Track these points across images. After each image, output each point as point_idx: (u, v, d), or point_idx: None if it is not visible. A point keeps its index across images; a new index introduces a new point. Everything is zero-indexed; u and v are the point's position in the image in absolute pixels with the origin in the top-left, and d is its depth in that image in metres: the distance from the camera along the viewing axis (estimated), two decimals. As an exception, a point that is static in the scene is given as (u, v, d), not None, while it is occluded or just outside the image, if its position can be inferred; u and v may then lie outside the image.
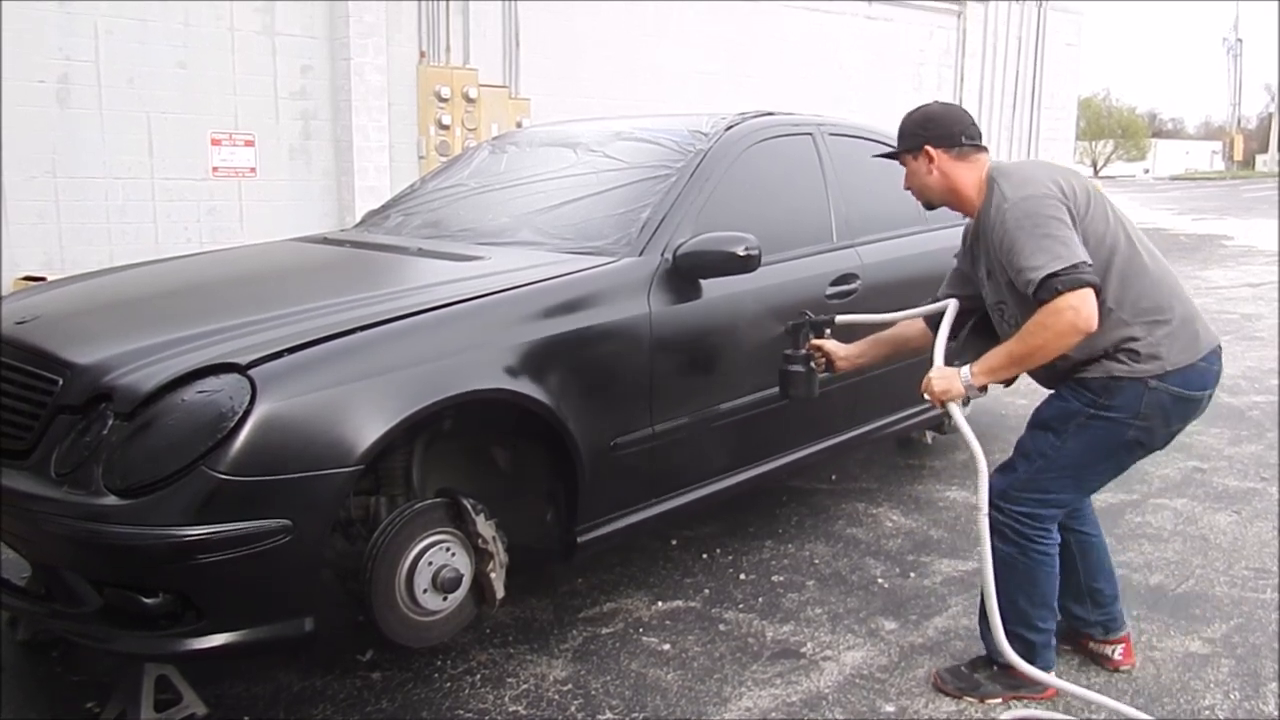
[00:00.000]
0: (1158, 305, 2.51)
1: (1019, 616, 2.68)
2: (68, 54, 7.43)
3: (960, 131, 2.66)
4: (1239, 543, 3.86)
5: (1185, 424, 2.62)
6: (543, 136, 4.19)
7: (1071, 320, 2.33)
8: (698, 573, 3.57)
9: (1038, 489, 2.61)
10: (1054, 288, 2.32)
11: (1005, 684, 2.73)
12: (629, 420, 3.00)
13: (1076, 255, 2.36)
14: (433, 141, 9.29)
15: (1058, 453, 2.59)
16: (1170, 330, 2.50)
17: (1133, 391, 2.49)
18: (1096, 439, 2.56)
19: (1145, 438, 2.57)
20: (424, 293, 2.79)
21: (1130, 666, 2.89)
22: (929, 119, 2.71)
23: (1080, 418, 2.55)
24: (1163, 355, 2.49)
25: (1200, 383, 2.55)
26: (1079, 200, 2.49)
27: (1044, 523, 2.64)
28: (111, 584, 2.29)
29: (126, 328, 2.71)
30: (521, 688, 2.80)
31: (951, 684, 2.78)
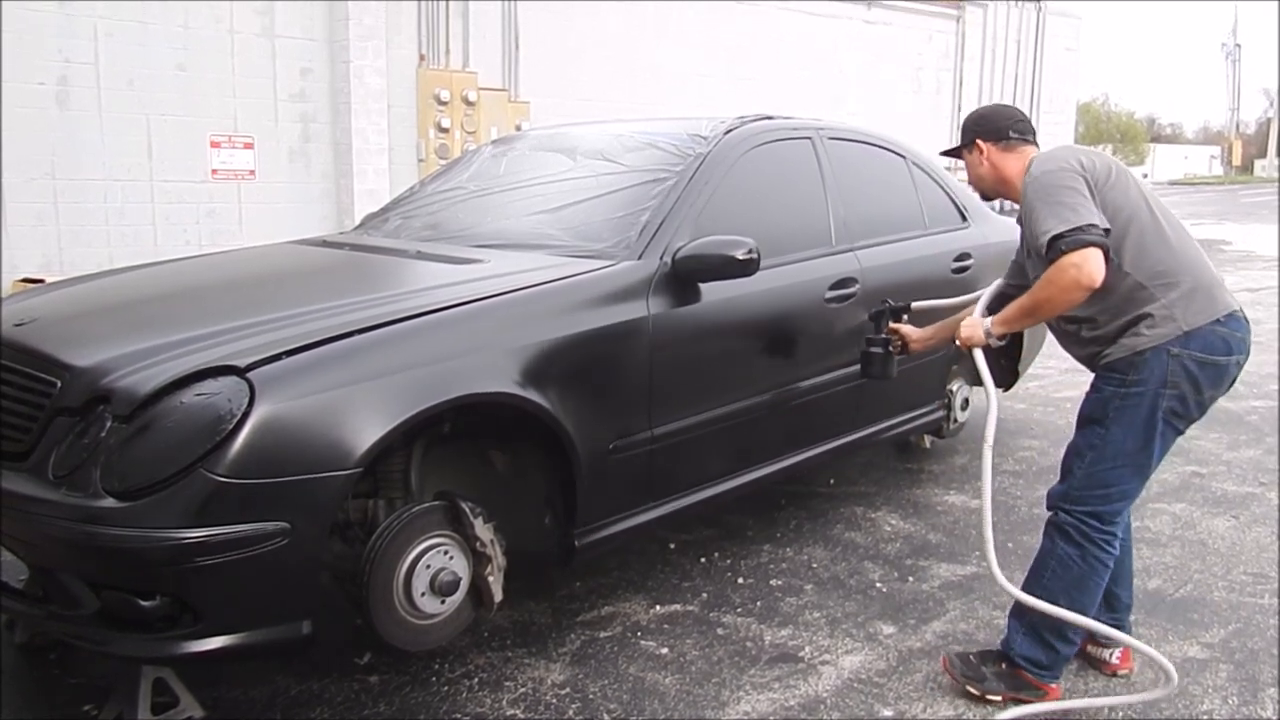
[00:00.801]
0: (1171, 269, 2.59)
1: (1054, 626, 2.70)
2: (67, 56, 7.44)
3: (1008, 127, 2.89)
4: (1237, 548, 3.86)
5: (1218, 391, 2.67)
6: (542, 140, 4.19)
7: (1074, 276, 2.44)
8: (696, 576, 3.56)
9: (1098, 484, 2.66)
10: (1059, 248, 2.45)
11: (1010, 684, 2.74)
12: (628, 424, 3.00)
13: (1084, 218, 2.46)
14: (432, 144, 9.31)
15: (1104, 441, 2.65)
16: (1182, 293, 2.58)
17: (1157, 362, 2.57)
18: (1135, 417, 2.61)
19: (1180, 406, 2.61)
20: (423, 296, 2.79)
21: (1128, 672, 2.90)
22: (981, 117, 2.97)
23: (1115, 400, 2.63)
24: (1177, 317, 2.57)
25: (1224, 348, 2.61)
26: (1099, 172, 2.61)
27: (1107, 524, 2.68)
28: (109, 586, 2.28)
29: (125, 330, 2.71)
30: (519, 691, 2.79)
31: (959, 669, 2.82)
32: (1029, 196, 2.60)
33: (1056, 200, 2.51)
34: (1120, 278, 2.57)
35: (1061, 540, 2.70)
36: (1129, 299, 2.60)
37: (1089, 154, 2.67)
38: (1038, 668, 2.73)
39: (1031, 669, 2.74)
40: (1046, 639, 2.71)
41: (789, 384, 3.57)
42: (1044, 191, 2.55)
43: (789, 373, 3.58)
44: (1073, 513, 2.68)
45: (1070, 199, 2.50)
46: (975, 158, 2.93)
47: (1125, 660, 2.90)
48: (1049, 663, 2.73)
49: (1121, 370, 2.63)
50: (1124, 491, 2.67)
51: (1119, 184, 2.62)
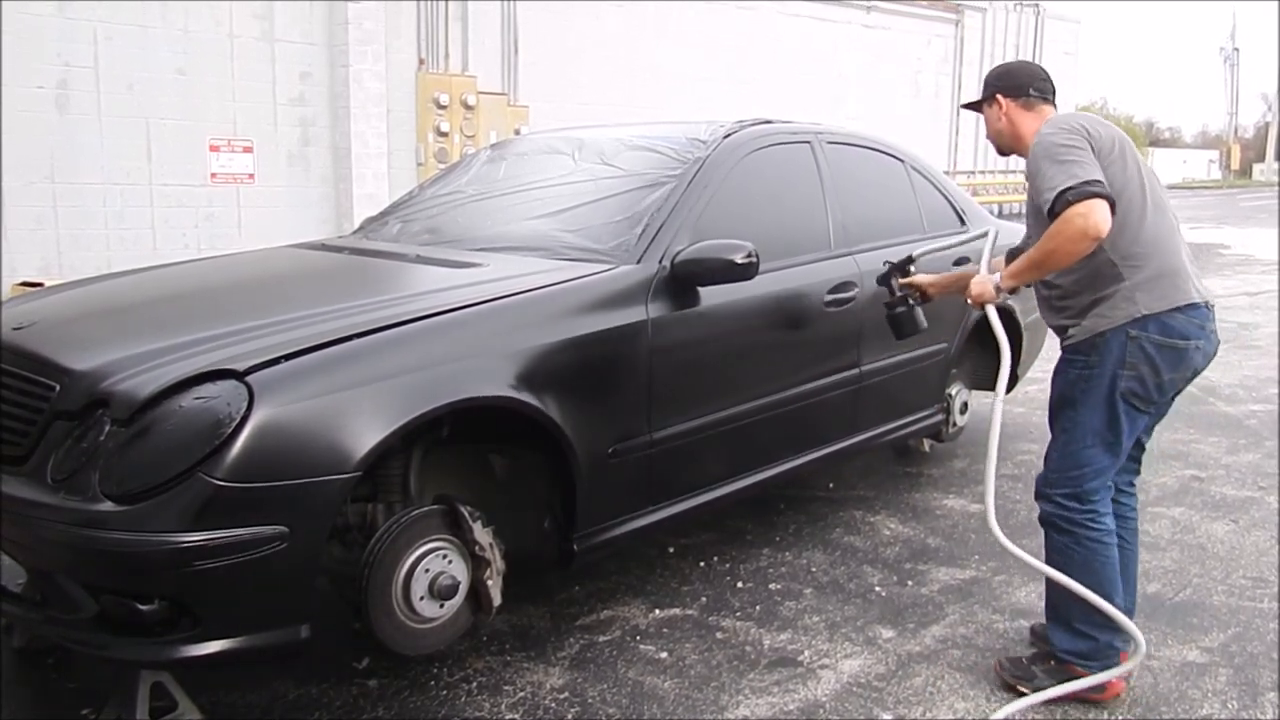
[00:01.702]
0: (1143, 252, 2.67)
1: (1082, 614, 2.72)
2: (67, 60, 7.45)
3: (1029, 84, 2.92)
4: (1236, 552, 3.86)
5: (1179, 375, 2.72)
6: (541, 143, 4.19)
7: (1081, 226, 2.48)
8: (695, 580, 3.56)
9: (1072, 465, 2.74)
10: (1067, 199, 2.50)
11: (1060, 678, 2.75)
12: (627, 427, 3.00)
13: (1090, 174, 2.53)
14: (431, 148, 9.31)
15: (1074, 422, 2.75)
16: (1147, 276, 2.66)
17: (1116, 342, 2.67)
18: (1098, 396, 2.70)
19: (1138, 387, 2.68)
20: (422, 299, 2.79)
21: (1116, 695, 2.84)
22: (1004, 73, 3.01)
23: (1080, 383, 2.73)
24: (1138, 300, 2.65)
25: (1182, 332, 2.67)
26: (1103, 143, 2.67)
27: (1088, 502, 2.73)
28: (107, 590, 2.28)
29: (124, 334, 2.71)
30: (518, 695, 2.79)
31: (1009, 671, 2.86)
32: (1036, 155, 2.66)
33: (1062, 158, 2.57)
34: (1096, 251, 2.63)
35: (1054, 533, 2.79)
36: (1098, 274, 2.69)
37: (1097, 124, 2.73)
38: (1083, 659, 2.75)
39: (1078, 661, 2.76)
40: (1079, 629, 2.74)
41: (788, 388, 3.56)
42: (1051, 149, 2.61)
43: (788, 376, 3.58)
44: (1053, 498, 2.77)
45: (1076, 156, 2.57)
46: (994, 112, 2.96)
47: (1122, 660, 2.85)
48: (1091, 652, 2.74)
49: (1085, 352, 2.73)
50: (1097, 469, 2.74)
51: (1119, 160, 2.68)
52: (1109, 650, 2.75)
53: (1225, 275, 13.38)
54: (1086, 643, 2.75)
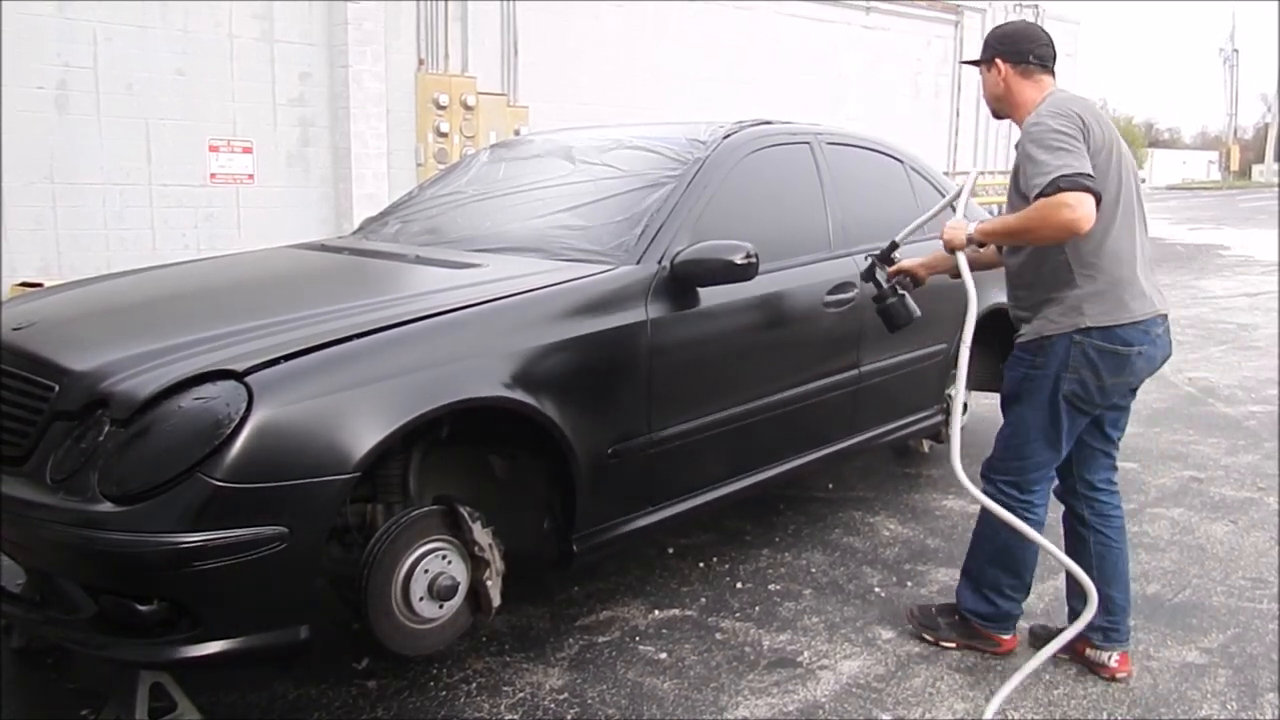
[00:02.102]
0: (1099, 263, 2.72)
1: (991, 581, 2.98)
2: (66, 60, 7.44)
3: (1029, 50, 2.88)
4: (1236, 552, 3.86)
5: (1121, 380, 2.77)
6: (541, 144, 4.19)
7: (1069, 217, 2.51)
8: (694, 581, 3.56)
9: (1015, 456, 2.88)
10: (1058, 186, 2.52)
11: (962, 633, 3.04)
12: (626, 428, 3.00)
13: (1084, 167, 2.55)
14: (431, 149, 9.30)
15: (1019, 418, 2.87)
16: (1097, 289, 2.71)
17: (1060, 346, 2.75)
18: (1041, 396, 2.80)
19: (1080, 390, 2.75)
20: (421, 300, 2.79)
21: (1126, 675, 2.90)
22: (1005, 35, 2.95)
23: (1026, 382, 2.84)
24: (1085, 311, 2.71)
25: (1125, 340, 2.73)
26: (1095, 141, 2.67)
27: (1027, 492, 2.88)
28: (107, 591, 2.28)
29: (123, 334, 2.71)
30: (518, 696, 2.79)
31: (918, 619, 3.14)
32: (1031, 139, 2.65)
33: (1056, 146, 2.58)
34: (1056, 250, 2.70)
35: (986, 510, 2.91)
36: (1054, 273, 2.75)
37: (1094, 118, 2.72)
38: (983, 619, 3.00)
39: (978, 621, 3.01)
40: (985, 594, 2.98)
41: (788, 388, 3.56)
42: (1046, 135, 2.61)
43: (787, 377, 3.58)
44: (994, 481, 2.91)
45: (1070, 145, 2.58)
46: (992, 76, 2.93)
47: (1124, 665, 2.91)
48: (991, 615, 2.99)
49: (1032, 352, 2.82)
50: (1037, 463, 2.86)
51: (1106, 163, 2.70)
52: (1007, 617, 3.00)
53: (1225, 276, 13.39)
54: (988, 607, 2.99)
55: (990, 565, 2.97)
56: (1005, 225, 2.73)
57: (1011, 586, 2.97)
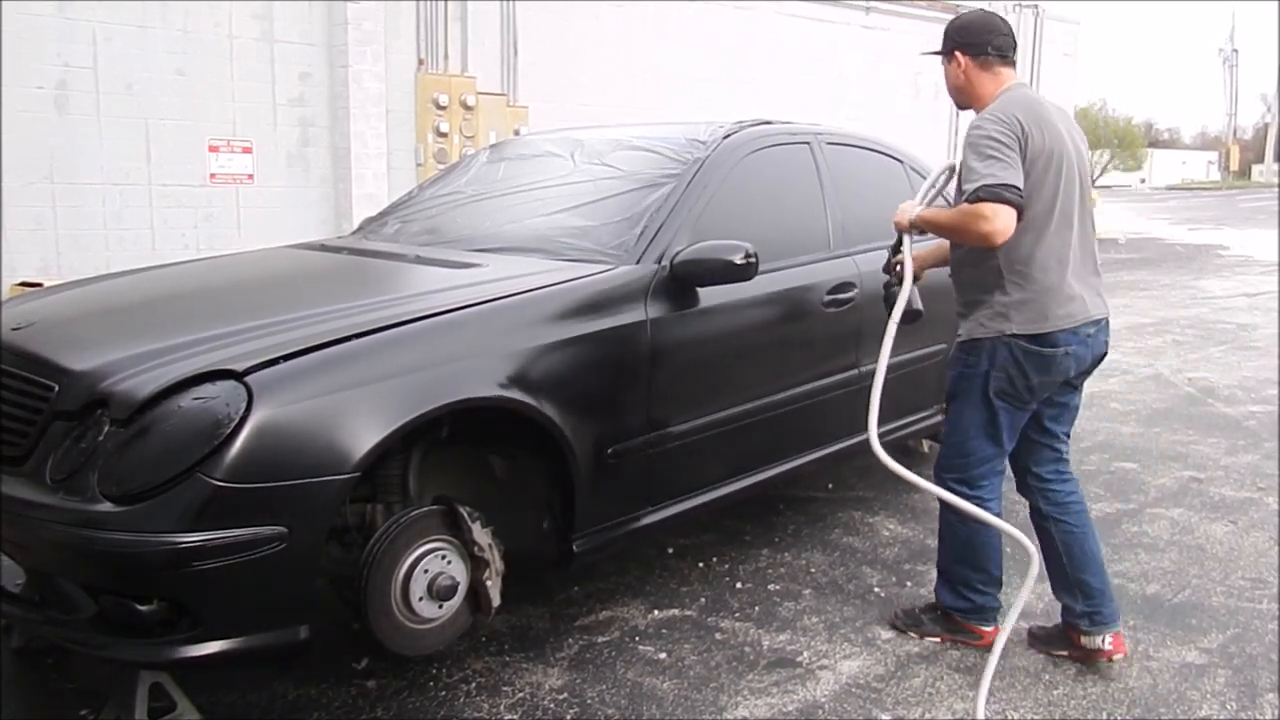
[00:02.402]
0: (1028, 272, 2.79)
1: (962, 578, 3.06)
2: (66, 60, 7.44)
3: (988, 42, 2.91)
4: (1235, 553, 3.86)
5: (1049, 378, 2.84)
6: (540, 144, 4.19)
7: (986, 230, 2.61)
8: (694, 581, 3.56)
9: (959, 452, 2.99)
10: (978, 195, 2.62)
11: (945, 627, 3.11)
12: (626, 428, 3.00)
13: (1008, 179, 2.62)
14: (430, 149, 9.30)
15: (959, 415, 2.98)
16: (1024, 297, 2.79)
17: (988, 347, 2.86)
18: (975, 395, 2.91)
19: (1008, 387, 2.85)
20: (421, 300, 2.79)
21: (1122, 655, 2.95)
22: (963, 27, 2.97)
23: (962, 381, 2.95)
24: (1011, 318, 2.81)
25: (1051, 342, 2.80)
26: (1035, 149, 2.73)
27: (975, 487, 2.96)
28: (106, 591, 2.28)
29: (123, 334, 2.71)
30: (517, 696, 2.79)
31: (902, 619, 3.20)
32: (968, 143, 2.72)
33: (988, 154, 2.65)
34: (990, 254, 2.78)
35: (944, 509, 3.05)
36: (984, 276, 2.85)
37: (1040, 125, 2.76)
38: (962, 614, 3.08)
39: (959, 615, 3.08)
40: (959, 590, 3.07)
41: (787, 388, 3.56)
42: (980, 143, 2.69)
43: (787, 377, 3.58)
44: (944, 479, 3.00)
45: (1002, 154, 2.65)
46: (953, 68, 2.97)
47: (1118, 646, 2.95)
48: (968, 610, 3.07)
49: (965, 352, 2.95)
50: (982, 458, 2.95)
51: (1044, 172, 2.75)
52: (983, 610, 3.06)
53: (1224, 276, 13.40)
54: (964, 602, 3.07)
55: (957, 563, 3.06)
56: (938, 220, 2.84)
57: (981, 581, 3.05)
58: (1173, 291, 11.87)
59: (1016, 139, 2.69)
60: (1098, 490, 4.58)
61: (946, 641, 3.08)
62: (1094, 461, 5.02)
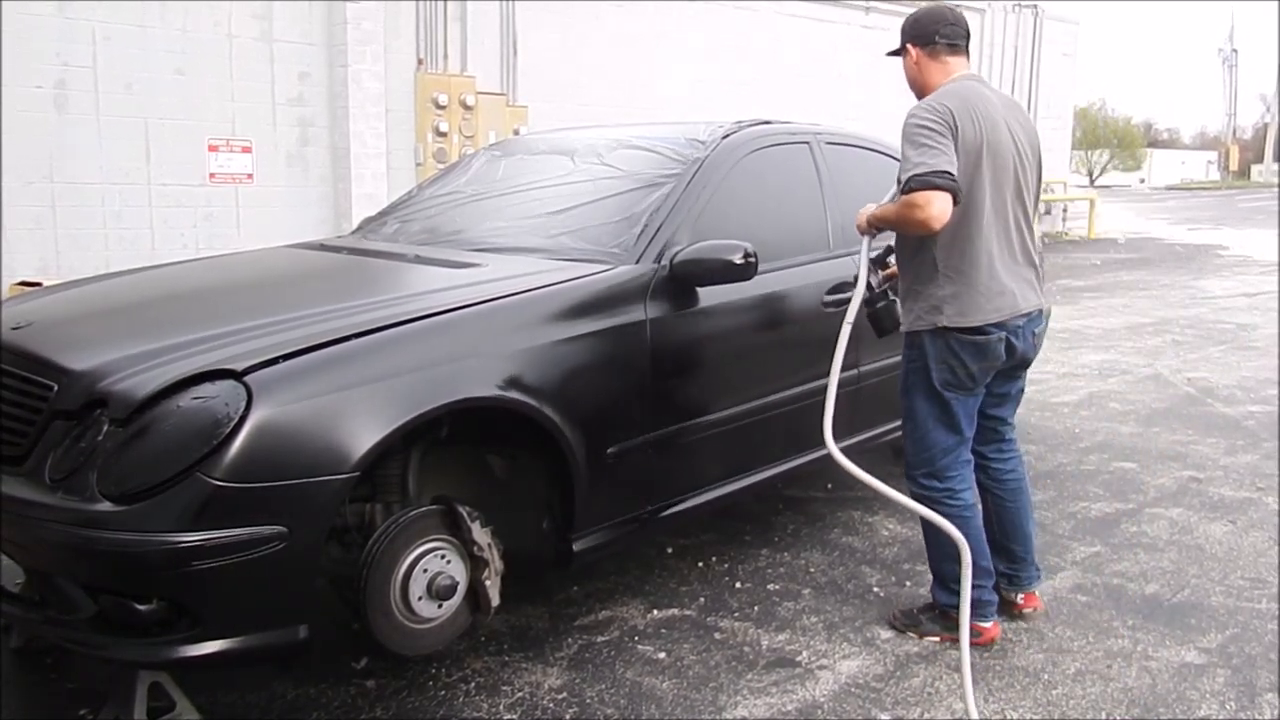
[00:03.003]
0: (961, 266, 2.85)
1: (954, 576, 2.96)
2: (65, 60, 7.44)
3: (935, 32, 2.97)
4: (1234, 553, 3.86)
5: (988, 364, 2.93)
6: (540, 144, 4.19)
7: (920, 217, 2.67)
8: (693, 581, 3.56)
9: (921, 447, 3.03)
10: (909, 185, 2.68)
11: (944, 625, 3.09)
12: (625, 428, 3.00)
13: (939, 165, 2.67)
14: (430, 148, 9.31)
15: (914, 409, 3.03)
16: (955, 291, 2.86)
17: (927, 340, 2.93)
18: (922, 387, 2.99)
19: (951, 377, 2.93)
20: (420, 299, 2.79)
21: (1033, 610, 3.23)
22: (914, 20, 3.03)
23: (911, 375, 3.02)
24: (944, 311, 2.88)
25: (985, 331, 2.88)
26: (965, 140, 2.77)
27: (944, 479, 3.01)
28: (106, 590, 2.28)
29: (122, 334, 2.71)
30: (516, 696, 2.79)
31: (900, 621, 3.19)
32: (904, 132, 2.78)
33: (920, 142, 2.71)
34: (929, 245, 2.85)
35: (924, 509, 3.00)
36: (921, 267, 2.91)
37: (974, 117, 2.80)
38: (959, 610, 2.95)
39: (956, 612, 2.93)
40: (951, 587, 3.02)
41: (786, 388, 3.56)
42: (911, 132, 2.75)
43: (786, 377, 3.58)
44: (916, 479, 3.04)
45: (932, 142, 2.70)
46: (908, 62, 3.04)
47: (1029, 602, 3.22)
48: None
49: (910, 346, 3.02)
50: (944, 448, 3.00)
51: (974, 164, 2.79)
52: (981, 605, 3.03)
53: (1223, 276, 13.40)
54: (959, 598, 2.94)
55: (944, 561, 3.05)
56: (885, 215, 2.90)
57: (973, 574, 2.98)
58: (1172, 291, 11.87)
59: (949, 127, 2.74)
60: (1096, 490, 4.58)
61: (946, 641, 3.07)
62: (1093, 461, 5.03)
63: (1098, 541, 3.96)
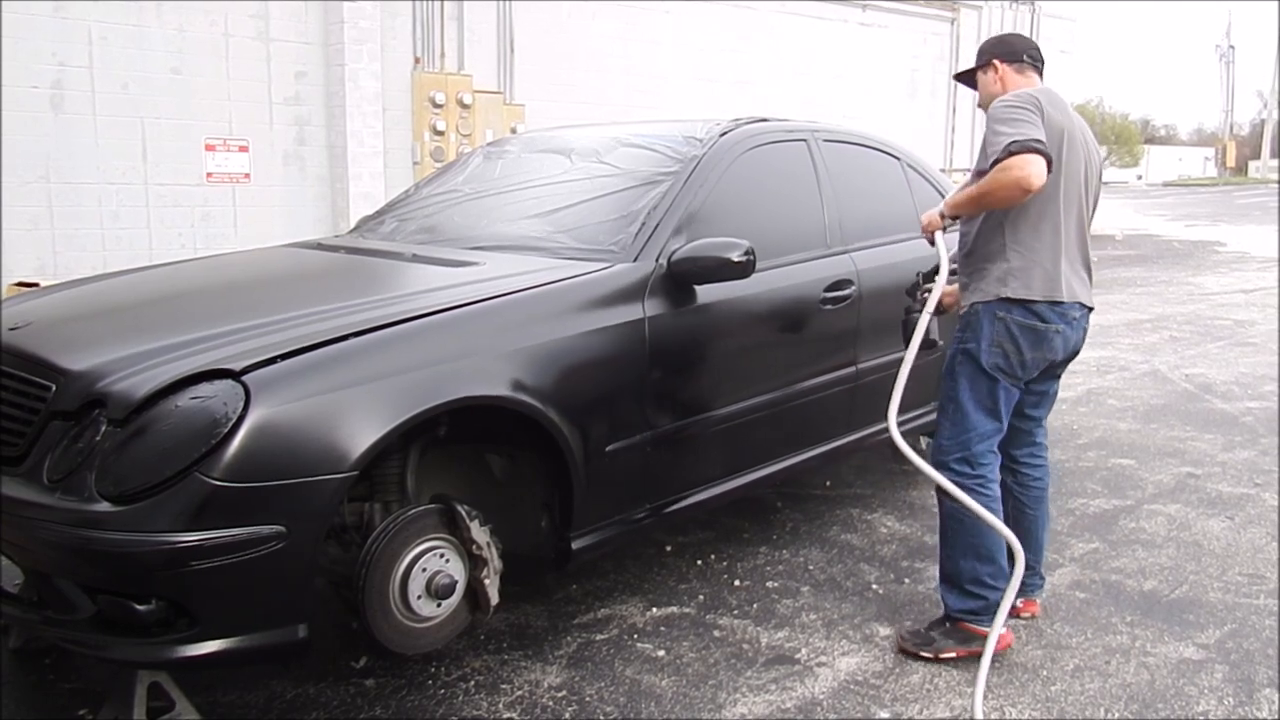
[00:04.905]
0: (1031, 244, 2.90)
1: (970, 574, 2.99)
2: (62, 59, 7.43)
3: (1023, 50, 3.13)
4: (1232, 548, 3.87)
5: (1039, 354, 2.94)
6: (537, 142, 4.19)
7: (1017, 176, 2.69)
8: (692, 579, 3.56)
9: (961, 429, 3.00)
10: (1009, 150, 2.71)
11: (958, 638, 3.00)
12: (623, 426, 3.00)
13: (1035, 134, 2.73)
14: (427, 147, 9.29)
15: (955, 390, 3.01)
16: (1024, 265, 2.89)
17: (986, 320, 2.94)
18: (971, 371, 2.98)
19: (1004, 363, 2.93)
20: (418, 299, 2.79)
21: (1031, 615, 3.22)
22: (1000, 40, 3.23)
23: (959, 357, 3.01)
24: (1008, 284, 2.90)
25: (1043, 316, 2.91)
26: (1051, 125, 2.84)
27: (977, 466, 2.97)
28: (104, 591, 2.28)
29: (120, 334, 2.71)
30: (516, 694, 2.79)
31: (911, 641, 3.05)
32: (992, 118, 2.85)
33: (1013, 118, 2.79)
34: (996, 222, 2.92)
35: (947, 499, 2.98)
36: (988, 244, 2.95)
37: (1056, 108, 2.90)
38: (974, 615, 2.98)
39: (970, 619, 2.99)
40: (968, 589, 2.99)
41: (785, 386, 3.57)
42: (1004, 112, 2.82)
43: (785, 375, 3.58)
44: (948, 465, 2.99)
45: (1027, 118, 2.79)
46: (990, 77, 3.13)
47: (1027, 607, 3.21)
48: (981, 609, 2.97)
49: (963, 328, 3.02)
50: (982, 434, 2.99)
51: (1057, 148, 2.84)
52: (997, 607, 2.90)
53: (1221, 273, 13.41)
54: (976, 601, 2.98)
55: (964, 558, 2.99)
56: (969, 196, 2.90)
57: (990, 574, 2.97)
58: (1170, 288, 11.88)
59: (1036, 109, 2.83)
60: (1095, 486, 4.59)
61: (963, 655, 2.94)
62: (1091, 458, 5.03)
63: (1096, 538, 3.96)
